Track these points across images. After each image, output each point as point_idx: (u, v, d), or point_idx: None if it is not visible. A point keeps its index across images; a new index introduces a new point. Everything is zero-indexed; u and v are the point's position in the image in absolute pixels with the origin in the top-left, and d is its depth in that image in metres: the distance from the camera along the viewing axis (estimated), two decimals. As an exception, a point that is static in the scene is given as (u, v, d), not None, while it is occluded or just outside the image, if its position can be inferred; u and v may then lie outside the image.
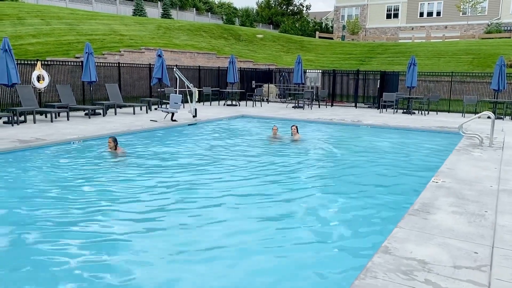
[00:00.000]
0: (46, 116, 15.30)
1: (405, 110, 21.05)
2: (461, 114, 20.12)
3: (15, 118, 13.53)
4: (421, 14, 49.15)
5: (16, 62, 14.02)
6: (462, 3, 44.56)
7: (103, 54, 21.68)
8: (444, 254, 4.34)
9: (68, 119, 15.03)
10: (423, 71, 23.83)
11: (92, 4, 36.60)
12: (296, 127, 12.65)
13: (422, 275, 3.88)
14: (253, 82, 27.08)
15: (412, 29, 49.27)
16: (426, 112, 20.51)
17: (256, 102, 23.98)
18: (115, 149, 9.76)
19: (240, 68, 26.31)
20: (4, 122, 13.80)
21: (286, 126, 15.98)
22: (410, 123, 16.35)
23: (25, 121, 14.17)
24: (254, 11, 62.75)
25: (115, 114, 17.15)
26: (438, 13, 48.19)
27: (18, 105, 14.55)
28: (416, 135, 14.27)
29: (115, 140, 9.77)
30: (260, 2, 63.37)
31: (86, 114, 16.37)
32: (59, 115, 15.65)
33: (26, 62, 16.09)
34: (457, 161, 9.06)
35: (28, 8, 25.32)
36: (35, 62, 15.84)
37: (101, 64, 19.27)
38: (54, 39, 21.89)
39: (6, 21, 21.96)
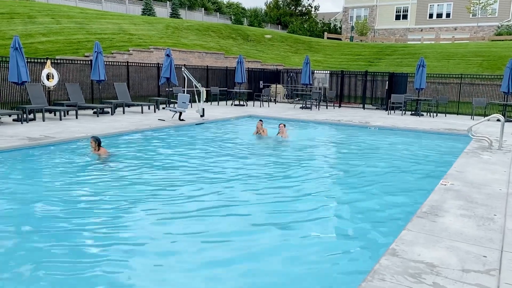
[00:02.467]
0: (55, 114, 15.41)
1: (413, 112, 20.93)
2: (470, 116, 19.97)
3: (25, 116, 13.65)
4: (431, 16, 48.86)
5: (26, 61, 14.12)
6: (472, 5, 44.24)
7: (112, 53, 21.79)
8: (453, 257, 4.31)
9: (76, 118, 15.13)
10: (432, 73, 23.68)
11: (101, 3, 36.81)
12: (284, 125, 12.63)
13: (430, 278, 3.85)
14: (261, 82, 27.08)
15: (421, 30, 48.99)
16: (435, 114, 20.38)
17: (264, 103, 23.99)
18: (98, 150, 9.34)
19: (248, 68, 26.33)
20: (13, 120, 13.93)
21: (294, 126, 15.98)
22: (419, 125, 16.26)
23: (34, 119, 14.28)
24: (263, 11, 62.77)
25: (123, 113, 17.23)
26: (448, 15, 47.87)
27: (27, 103, 14.67)
28: (425, 137, 14.18)
29: (97, 141, 9.29)
30: (268, 2, 63.39)
31: (94, 112, 16.46)
32: (68, 114, 15.75)
33: (36, 60, 16.22)
34: (466, 163, 8.99)
35: (39, 7, 25.52)
36: (45, 61, 15.96)
37: (110, 63, 19.37)
38: (64, 37, 22.04)
39: (17, 19, 22.15)
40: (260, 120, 13.02)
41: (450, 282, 3.79)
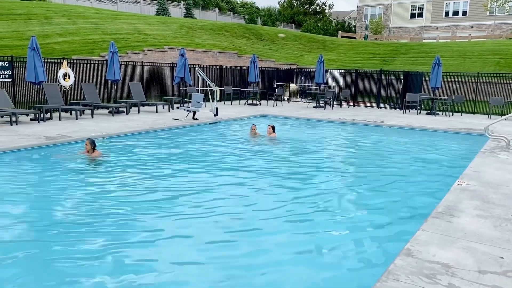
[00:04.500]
0: (71, 114, 15.62)
1: (429, 111, 20.71)
2: (486, 115, 19.68)
3: (42, 115, 13.87)
4: (447, 14, 48.22)
5: (43, 61, 14.34)
6: (489, 2, 43.53)
7: (127, 53, 21.99)
8: (469, 258, 4.26)
9: (92, 117, 15.31)
10: (448, 72, 23.38)
11: (116, 4, 37.17)
12: (272, 126, 12.61)
13: (445, 279, 3.81)
14: (274, 81, 27.05)
15: (437, 28, 48.38)
16: (451, 114, 20.14)
17: (277, 102, 23.97)
18: (92, 152, 9.21)
19: (261, 67, 26.32)
20: (31, 119, 14.16)
21: (306, 126, 15.96)
22: (434, 124, 16.08)
23: (51, 118, 14.50)
24: (276, 10, 62.67)
25: (138, 112, 17.39)
26: (464, 13, 47.19)
27: (44, 103, 14.90)
28: (440, 136, 14.02)
29: (92, 143, 9.20)
30: (282, 1, 63.22)
31: (110, 112, 16.64)
32: (83, 113, 15.96)
33: (52, 60, 16.46)
34: (482, 163, 8.87)
35: (56, 8, 25.88)
36: (61, 61, 16.19)
37: (125, 63, 19.56)
38: (80, 38, 22.31)
39: (34, 20, 22.50)
40: (253, 124, 13.07)
41: (466, 283, 3.75)
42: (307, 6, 61.88)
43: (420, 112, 20.75)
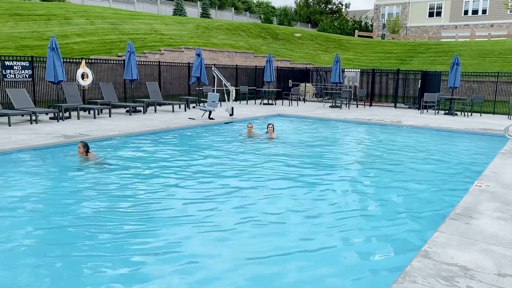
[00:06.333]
0: (89, 113, 15.84)
1: (447, 111, 20.42)
2: (507, 116, 19.31)
3: (61, 114, 14.10)
4: (466, 12, 47.44)
5: (62, 61, 14.57)
6: (509, 1, 42.66)
7: (144, 53, 22.19)
8: (488, 260, 4.20)
9: (110, 116, 15.50)
10: (466, 71, 23.02)
11: (134, 4, 37.55)
12: (273, 125, 12.62)
13: (464, 282, 3.76)
14: (290, 81, 27.00)
15: (456, 27, 47.65)
16: (469, 114, 19.82)
17: (293, 101, 23.93)
18: (86, 155, 8.96)
19: (277, 67, 26.30)
20: (50, 118, 14.41)
21: (322, 125, 15.89)
22: (452, 124, 15.85)
23: (69, 117, 14.73)
24: (292, 10, 62.45)
25: (155, 111, 17.55)
26: (484, 11, 46.37)
27: (63, 102, 15.15)
28: (458, 137, 13.81)
29: (85, 146, 8.92)
30: (298, 1, 63.00)
31: (127, 111, 16.83)
32: (101, 112, 16.16)
33: (71, 60, 16.71)
34: (502, 165, 8.71)
35: (74, 8, 26.26)
36: (80, 61, 16.43)
37: (142, 63, 19.75)
38: (98, 38, 22.60)
39: (54, 21, 22.87)
40: (250, 123, 13.07)
41: (485, 286, 3.69)
42: (323, 5, 61.51)
43: (438, 112, 20.49)
